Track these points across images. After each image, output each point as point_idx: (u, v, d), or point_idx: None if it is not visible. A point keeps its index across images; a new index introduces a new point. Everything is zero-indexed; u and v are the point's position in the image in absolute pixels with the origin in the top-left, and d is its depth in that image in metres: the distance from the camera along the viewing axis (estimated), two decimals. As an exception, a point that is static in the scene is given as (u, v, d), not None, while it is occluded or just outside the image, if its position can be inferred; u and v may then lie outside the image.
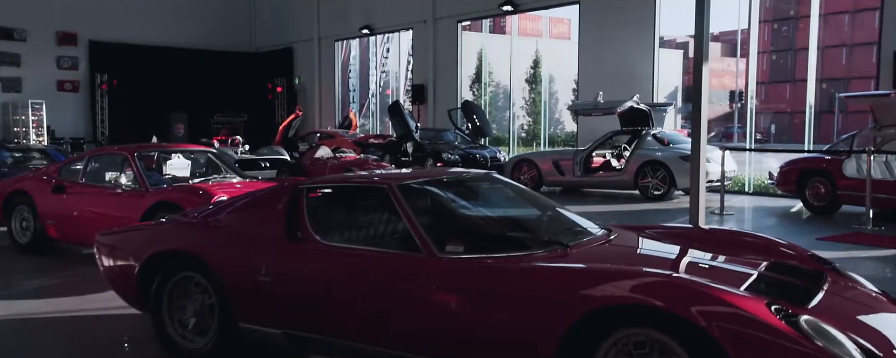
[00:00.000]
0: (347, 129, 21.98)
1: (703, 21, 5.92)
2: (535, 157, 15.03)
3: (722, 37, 61.24)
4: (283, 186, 4.15)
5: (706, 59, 5.94)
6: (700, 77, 5.93)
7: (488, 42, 28.02)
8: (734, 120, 48.33)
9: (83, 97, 23.70)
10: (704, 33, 5.94)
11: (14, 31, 22.26)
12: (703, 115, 5.95)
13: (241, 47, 26.49)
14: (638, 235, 4.22)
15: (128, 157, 6.82)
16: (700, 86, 5.97)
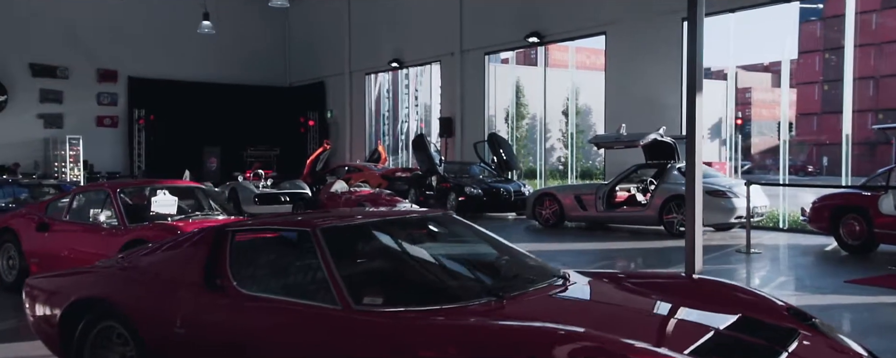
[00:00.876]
0: (376, 162, 21.92)
1: (696, 49, 5.56)
2: (557, 191, 14.61)
3: (772, 67, 59.90)
4: (211, 228, 3.91)
5: (699, 90, 5.57)
6: (693, 108, 5.56)
7: (526, 74, 27.93)
8: (782, 152, 46.87)
9: (121, 132, 24.23)
10: (697, 62, 5.58)
11: (57, 69, 22.97)
12: (697, 149, 5.55)
13: (275, 82, 26.85)
14: (601, 282, 3.86)
15: (110, 193, 6.73)
16: (693, 117, 5.59)
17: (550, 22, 18.04)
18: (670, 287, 3.87)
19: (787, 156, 19.48)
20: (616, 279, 4.00)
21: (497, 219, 16.15)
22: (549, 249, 11.96)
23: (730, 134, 18.25)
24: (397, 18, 22.68)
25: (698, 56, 5.50)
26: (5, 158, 21.65)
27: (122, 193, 6.83)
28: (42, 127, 22.69)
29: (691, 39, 5.52)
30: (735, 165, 18.15)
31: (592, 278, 3.96)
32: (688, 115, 5.60)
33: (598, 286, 3.79)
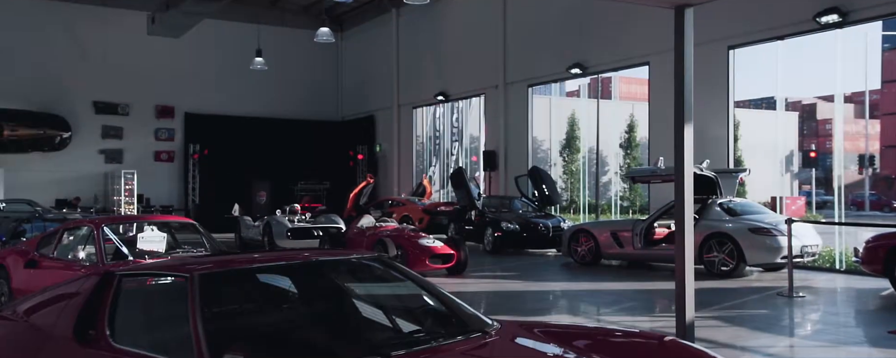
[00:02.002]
0: (422, 196, 21.74)
1: (683, 79, 5.11)
2: (592, 227, 14.01)
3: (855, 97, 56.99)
4: (97, 271, 3.67)
5: (689, 120, 5.10)
6: (682, 140, 5.09)
7: (587, 107, 27.09)
8: (865, 186, 44.24)
9: (177, 166, 24.90)
10: (685, 91, 5.12)
11: (119, 106, 23.87)
12: (686, 183, 5.06)
13: (327, 116, 27.18)
14: (530, 339, 3.45)
15: (94, 230, 6.69)
16: (682, 150, 5.12)
17: (593, 53, 17.60)
18: (619, 349, 3.41)
19: (870, 191, 18.28)
20: (554, 336, 3.56)
21: (535, 255, 15.62)
22: (581, 288, 11.38)
23: (795, 165, 17.23)
24: (443, 52, 22.67)
25: (687, 81, 5.06)
26: (68, 192, 22.51)
27: (109, 228, 6.78)
28: (103, 162, 23.54)
29: (679, 62, 5.08)
30: (808, 200, 17.22)
31: (525, 332, 3.55)
32: (676, 145, 5.13)
33: (519, 345, 3.37)
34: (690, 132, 5.06)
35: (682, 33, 5.14)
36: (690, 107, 5.09)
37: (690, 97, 5.10)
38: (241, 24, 24.66)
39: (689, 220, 5.07)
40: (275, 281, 3.64)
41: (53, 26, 22.35)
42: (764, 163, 20.38)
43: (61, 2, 22.46)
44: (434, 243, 11.71)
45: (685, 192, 5.04)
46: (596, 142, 21.29)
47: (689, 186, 5.08)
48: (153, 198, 23.93)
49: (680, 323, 5.19)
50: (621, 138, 32.72)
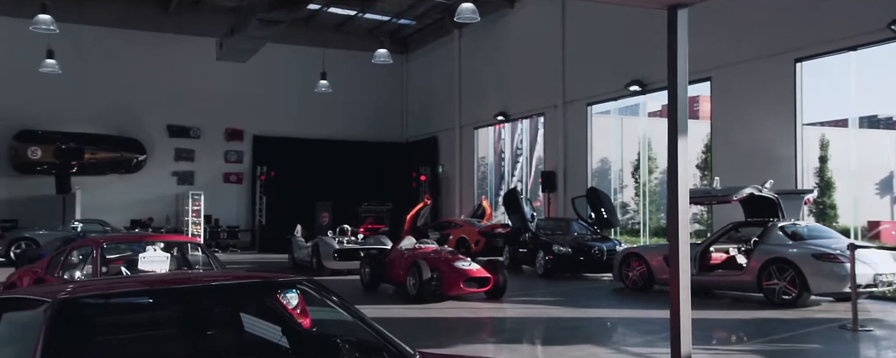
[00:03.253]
0: (481, 217, 21.37)
1: (676, 83, 4.64)
2: (644, 250, 13.29)
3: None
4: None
5: (683, 132, 4.61)
6: (675, 149, 4.61)
7: (664, 127, 26.09)
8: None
9: (245, 188, 25.50)
10: (678, 98, 4.64)
11: (191, 129, 24.73)
12: (680, 200, 4.57)
13: (392, 138, 27.30)
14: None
15: (93, 249, 6.71)
16: (675, 159, 4.63)
17: (652, 69, 16.90)
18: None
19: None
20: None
21: (589, 280, 14.96)
22: (625, 315, 10.73)
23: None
24: (503, 72, 22.40)
25: (681, 86, 4.58)
26: (142, 213, 23.40)
27: (108, 247, 6.79)
28: (176, 183, 24.37)
29: (672, 65, 4.62)
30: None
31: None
32: (669, 155, 4.65)
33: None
34: (686, 142, 4.56)
35: (675, 35, 4.65)
36: (685, 113, 4.59)
37: (685, 104, 4.60)
38: (306, 47, 25.17)
39: (683, 237, 4.55)
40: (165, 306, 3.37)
41: (130, 54, 23.40)
42: (859, 185, 18.97)
43: (137, 30, 23.51)
44: (470, 266, 11.34)
45: (679, 206, 4.53)
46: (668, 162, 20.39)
47: (684, 199, 4.56)
48: (222, 219, 24.55)
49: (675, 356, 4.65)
50: (698, 159, 31.42)
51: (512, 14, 22.11)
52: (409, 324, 9.63)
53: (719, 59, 15.31)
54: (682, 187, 4.65)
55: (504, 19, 22.46)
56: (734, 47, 14.97)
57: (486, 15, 22.97)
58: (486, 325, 9.99)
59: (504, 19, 22.46)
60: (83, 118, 22.88)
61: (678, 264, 4.64)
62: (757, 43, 14.50)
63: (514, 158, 23.19)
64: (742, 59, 14.80)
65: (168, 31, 24.02)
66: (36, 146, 22.21)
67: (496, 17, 22.75)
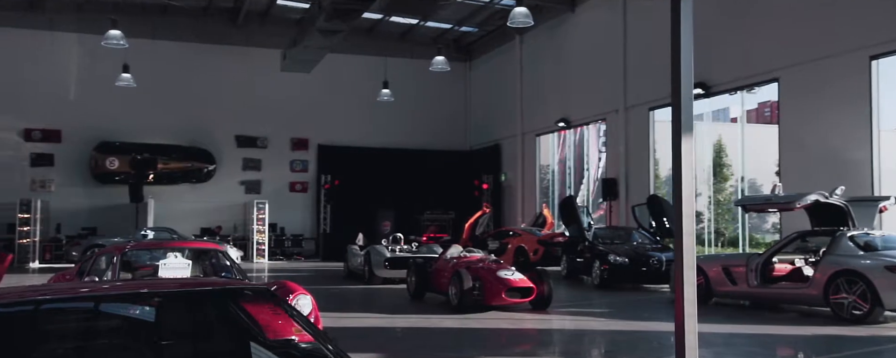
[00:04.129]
0: (542, 226, 20.93)
1: (680, 77, 4.30)
2: (702, 261, 12.59)
3: None
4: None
5: (688, 130, 4.27)
6: (679, 151, 4.27)
7: (750, 132, 25.11)
8: None
9: (310, 196, 25.88)
10: (682, 94, 4.30)
11: (258, 139, 25.32)
12: (685, 207, 4.21)
13: (455, 146, 27.19)
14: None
15: (115, 255, 6.80)
16: (679, 172, 4.28)
17: (715, 71, 16.16)
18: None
19: None
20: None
21: (648, 291, 14.35)
22: (672, 329, 10.15)
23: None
24: (564, 77, 21.95)
25: (685, 78, 4.24)
26: (211, 221, 24.08)
27: (130, 254, 6.88)
28: (243, 192, 24.96)
29: (675, 56, 4.28)
30: None
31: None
32: (674, 156, 4.30)
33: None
34: (690, 143, 4.19)
35: (679, 25, 4.30)
36: (690, 110, 4.23)
37: (690, 102, 4.24)
38: (368, 57, 25.44)
39: (688, 244, 4.18)
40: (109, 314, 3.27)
41: (200, 67, 24.19)
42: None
43: (207, 44, 24.28)
44: (513, 276, 11.02)
45: (683, 213, 4.16)
46: (741, 169, 19.55)
47: (690, 206, 4.19)
48: (288, 227, 24.99)
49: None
50: (778, 165, 29.97)
51: (573, 18, 21.66)
52: (447, 334, 9.42)
53: (787, 59, 14.49)
54: (686, 191, 4.28)
55: (565, 24, 22.04)
56: (803, 45, 14.11)
57: (548, 20, 22.67)
58: (525, 336, 9.66)
59: (565, 24, 22.04)
60: (157, 129, 23.77)
61: (682, 275, 4.26)
62: (827, 40, 13.62)
63: (575, 166, 22.64)
64: (811, 58, 13.93)
65: (237, 43, 24.71)
66: (114, 157, 23.21)
67: (557, 23, 22.36)
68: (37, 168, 23.10)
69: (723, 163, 28.04)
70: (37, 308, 2.95)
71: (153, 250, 7.41)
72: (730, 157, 29.26)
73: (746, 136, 18.63)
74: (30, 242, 21.26)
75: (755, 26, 15.30)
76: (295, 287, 6.77)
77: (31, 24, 22.84)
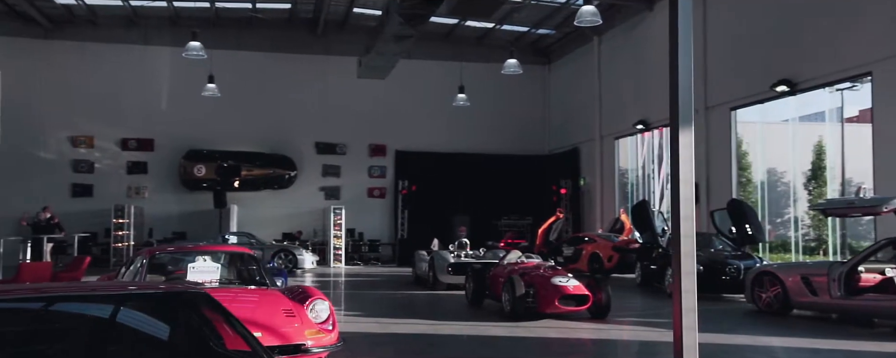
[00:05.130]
0: (620, 232, 20.20)
1: (677, 77, 3.92)
2: (779, 269, 11.75)
3: None
4: None
5: (686, 122, 3.89)
6: (677, 159, 3.88)
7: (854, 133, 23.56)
8: None
9: (388, 202, 26.07)
10: (683, 90, 3.91)
11: (337, 146, 25.75)
12: (682, 209, 3.83)
13: (533, 151, 26.72)
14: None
15: (144, 258, 6.92)
16: (677, 172, 3.89)
17: (802, 66, 15.11)
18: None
19: None
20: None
21: (725, 301, 13.51)
22: (761, 343, 9.36)
23: None
24: (642, 78, 21.15)
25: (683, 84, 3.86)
26: (292, 227, 24.64)
27: (158, 258, 6.98)
28: (323, 198, 25.42)
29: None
30: None
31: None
32: (672, 166, 3.92)
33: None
34: (689, 136, 3.80)
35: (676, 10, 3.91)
36: (689, 106, 3.84)
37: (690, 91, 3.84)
38: (444, 62, 25.44)
39: (687, 248, 3.78)
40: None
41: (281, 76, 24.85)
42: None
43: (287, 53, 24.94)
44: (568, 283, 10.58)
45: (681, 214, 3.76)
46: (842, 171, 18.20)
47: (689, 207, 3.79)
48: (366, 232, 25.26)
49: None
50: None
51: (651, 17, 20.86)
52: (496, 342, 9.13)
53: (882, 51, 13.33)
54: (683, 190, 3.86)
55: (643, 23, 21.26)
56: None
57: (626, 20, 21.95)
58: (571, 346, 9.22)
59: (643, 23, 21.26)
60: (241, 137, 24.59)
61: (680, 282, 3.84)
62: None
63: (655, 169, 21.72)
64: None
65: (316, 52, 25.25)
66: (201, 164, 24.17)
67: (636, 22, 21.62)
68: (132, 175, 24.36)
69: (824, 165, 26.27)
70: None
71: (186, 254, 7.53)
72: (833, 160, 27.37)
73: (853, 137, 17.24)
74: (124, 245, 22.38)
75: (844, 16, 14.18)
76: (313, 292, 6.68)
77: (128, 40, 24.19)
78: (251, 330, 5.84)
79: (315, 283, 18.04)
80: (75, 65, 23.75)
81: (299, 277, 18.90)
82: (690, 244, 3.79)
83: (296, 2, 23.49)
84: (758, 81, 16.09)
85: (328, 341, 6.14)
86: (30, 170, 23.31)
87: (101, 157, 24.32)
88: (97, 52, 23.90)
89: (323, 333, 6.14)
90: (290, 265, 20.26)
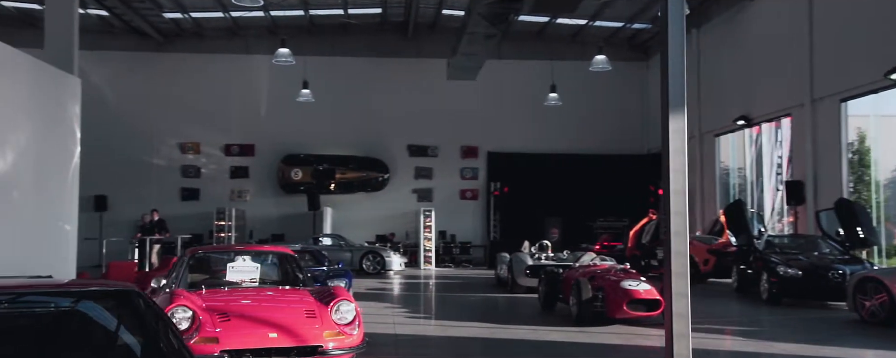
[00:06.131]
0: (719, 234, 19.03)
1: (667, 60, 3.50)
2: (885, 275, 10.59)
3: None
4: None
5: (678, 106, 3.47)
6: (667, 147, 3.47)
7: None
8: None
9: (480, 204, 25.85)
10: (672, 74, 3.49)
11: (429, 148, 25.81)
12: (672, 204, 3.41)
13: (631, 150, 25.73)
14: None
15: (186, 257, 7.02)
16: (668, 162, 3.47)
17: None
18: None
19: None
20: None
21: (828, 309, 12.37)
22: (849, 356, 8.47)
23: None
24: (744, 71, 19.89)
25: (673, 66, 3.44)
26: (385, 229, 24.90)
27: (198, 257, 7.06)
28: (415, 200, 25.51)
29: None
30: None
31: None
32: (663, 159, 3.50)
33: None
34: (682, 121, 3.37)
35: None
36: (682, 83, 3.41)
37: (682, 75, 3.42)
38: (535, 61, 25.01)
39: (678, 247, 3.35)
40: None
41: (373, 80, 25.17)
42: None
43: (379, 57, 25.26)
44: (638, 287, 9.98)
45: (672, 209, 3.34)
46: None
47: (680, 202, 3.36)
48: (458, 234, 25.15)
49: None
50: None
51: (752, 6, 19.57)
52: (552, 347, 8.72)
53: None
54: (674, 182, 3.40)
55: (744, 12, 19.98)
56: None
57: (726, 10, 20.75)
58: (636, 354, 8.63)
59: (744, 12, 19.98)
60: (335, 141, 25.14)
61: (671, 285, 3.38)
62: None
63: (760, 167, 20.30)
64: None
65: (408, 55, 25.42)
66: (297, 168, 24.90)
67: (736, 12, 20.38)
68: (235, 179, 25.41)
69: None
70: None
71: (228, 253, 7.63)
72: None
73: None
74: (226, 247, 23.35)
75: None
76: (340, 292, 6.56)
77: (231, 50, 25.30)
78: (268, 330, 5.80)
79: (399, 284, 18.09)
80: (183, 75, 25.07)
81: (384, 279, 19.03)
82: (682, 242, 3.32)
83: (386, 6, 23.74)
84: (871, 70, 14.65)
85: (350, 343, 5.99)
86: (145, 176, 24.81)
87: (206, 162, 25.54)
88: (203, 62, 25.12)
89: (343, 336, 5.99)
90: (378, 267, 20.44)
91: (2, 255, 8.36)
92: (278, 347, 5.64)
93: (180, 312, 5.81)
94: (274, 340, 5.65)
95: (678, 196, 3.37)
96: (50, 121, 9.85)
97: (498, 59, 24.60)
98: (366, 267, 20.47)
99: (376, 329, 9.67)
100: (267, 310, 6.06)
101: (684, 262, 3.34)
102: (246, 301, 6.37)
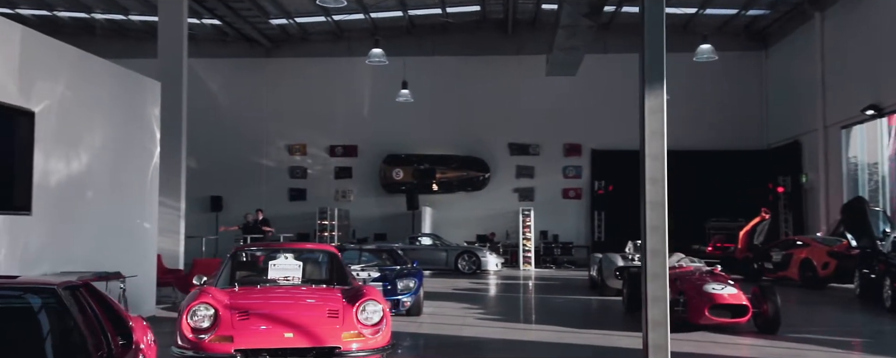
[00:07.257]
0: (844, 235, 17.33)
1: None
2: None
3: None
4: None
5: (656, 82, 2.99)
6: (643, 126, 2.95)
7: None
8: None
9: (584, 203, 24.99)
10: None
11: (530, 146, 25.25)
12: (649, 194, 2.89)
13: (748, 145, 24.02)
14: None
15: (229, 255, 7.00)
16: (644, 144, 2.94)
17: None
18: None
19: None
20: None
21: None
22: None
23: None
24: (873, 55, 17.95)
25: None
26: (485, 228, 24.59)
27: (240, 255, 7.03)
28: (516, 200, 25.00)
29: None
30: None
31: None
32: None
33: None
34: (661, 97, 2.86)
35: None
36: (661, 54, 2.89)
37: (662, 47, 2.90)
38: (639, 54, 23.77)
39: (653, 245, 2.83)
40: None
41: (473, 79, 24.93)
42: None
43: (478, 56, 25.01)
44: (722, 291, 9.10)
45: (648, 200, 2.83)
46: None
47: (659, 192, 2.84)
48: (561, 234, 24.44)
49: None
50: None
51: (883, -19, 17.67)
52: (614, 353, 8.09)
53: None
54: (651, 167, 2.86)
55: (874, -10, 18.08)
56: None
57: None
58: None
59: (874, -10, 18.08)
60: (436, 141, 25.11)
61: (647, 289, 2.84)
62: None
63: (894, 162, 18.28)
64: None
65: (508, 53, 25.01)
66: (399, 168, 25.08)
67: (865, -11, 18.47)
68: (339, 180, 25.94)
69: None
70: None
71: (270, 251, 7.57)
72: None
73: None
74: (329, 246, 23.85)
75: None
76: (369, 292, 6.30)
77: (335, 53, 25.87)
78: (285, 330, 5.63)
79: (490, 285, 17.72)
80: (290, 79, 25.87)
81: (477, 279, 18.73)
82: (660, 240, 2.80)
83: (485, 3, 23.43)
84: None
85: (373, 345, 5.73)
86: (256, 177, 25.84)
87: (312, 163, 26.23)
88: (308, 65, 25.82)
89: (364, 337, 5.73)
90: (474, 267, 20.17)
91: (78, 251, 8.78)
92: (294, 347, 5.47)
93: (202, 309, 5.77)
94: (289, 341, 5.49)
95: (656, 186, 2.85)
96: (129, 123, 10.30)
97: (602, 53, 23.73)
98: (461, 267, 20.25)
99: (441, 330, 9.40)
100: (289, 309, 5.92)
101: (662, 262, 2.81)
102: (272, 300, 6.27)
